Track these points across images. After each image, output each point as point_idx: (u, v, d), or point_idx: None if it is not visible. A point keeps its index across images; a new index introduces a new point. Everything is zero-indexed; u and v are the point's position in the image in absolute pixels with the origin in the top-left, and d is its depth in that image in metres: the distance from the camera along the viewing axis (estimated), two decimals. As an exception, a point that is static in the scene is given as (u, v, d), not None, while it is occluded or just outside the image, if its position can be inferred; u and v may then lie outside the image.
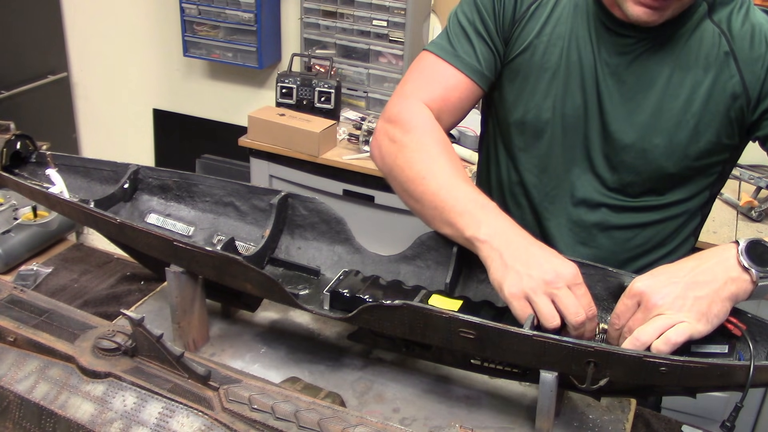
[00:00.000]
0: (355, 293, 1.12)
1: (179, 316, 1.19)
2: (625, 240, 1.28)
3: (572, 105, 1.24)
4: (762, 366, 0.91)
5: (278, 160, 2.80)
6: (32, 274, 1.53)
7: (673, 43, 1.17)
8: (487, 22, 1.26)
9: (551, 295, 0.98)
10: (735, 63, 1.16)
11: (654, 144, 1.20)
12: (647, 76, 1.19)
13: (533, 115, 1.26)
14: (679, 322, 0.94)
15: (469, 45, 1.26)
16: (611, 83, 1.21)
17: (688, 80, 1.17)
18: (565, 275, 0.99)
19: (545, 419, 1.04)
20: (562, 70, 1.23)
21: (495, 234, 1.05)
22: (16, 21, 3.44)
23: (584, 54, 1.22)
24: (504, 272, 1.01)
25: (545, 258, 1.01)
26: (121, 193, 1.32)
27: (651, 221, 1.27)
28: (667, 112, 1.18)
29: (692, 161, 1.21)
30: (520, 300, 0.99)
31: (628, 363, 0.93)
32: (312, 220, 1.27)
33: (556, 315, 0.98)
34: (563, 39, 1.23)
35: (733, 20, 1.17)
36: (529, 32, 1.25)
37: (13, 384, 0.95)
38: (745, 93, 1.16)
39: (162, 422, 0.87)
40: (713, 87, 1.17)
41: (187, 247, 1.11)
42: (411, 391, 1.17)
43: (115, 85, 3.79)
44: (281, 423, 0.83)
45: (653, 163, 1.21)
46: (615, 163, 1.23)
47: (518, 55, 1.26)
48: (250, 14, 3.11)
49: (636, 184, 1.24)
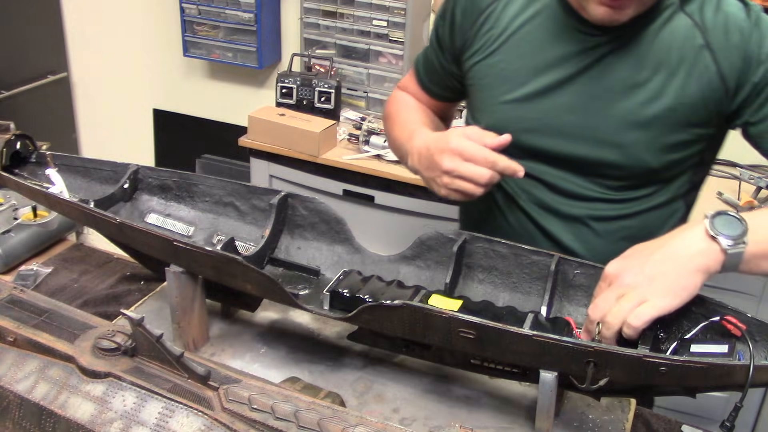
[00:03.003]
0: (355, 293, 1.12)
1: (179, 316, 1.19)
2: (611, 232, 1.28)
3: (545, 107, 1.24)
4: (762, 366, 0.91)
5: (278, 160, 2.80)
6: (32, 274, 1.53)
7: (644, 39, 1.17)
8: (443, 38, 1.35)
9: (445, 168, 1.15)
10: (710, 54, 1.15)
11: (632, 139, 1.19)
12: (621, 73, 1.19)
13: (500, 121, 1.26)
14: (642, 302, 0.96)
15: (427, 61, 1.43)
16: (585, 82, 1.21)
17: (662, 74, 1.17)
18: (447, 147, 1.15)
19: (545, 419, 1.04)
20: (531, 72, 1.24)
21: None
22: (16, 21, 3.44)
23: (553, 56, 1.22)
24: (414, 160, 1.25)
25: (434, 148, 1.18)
26: (121, 193, 1.32)
27: (635, 212, 1.27)
28: (643, 107, 1.18)
29: (672, 153, 1.21)
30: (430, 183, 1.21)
31: (628, 363, 0.93)
32: (312, 220, 1.27)
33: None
34: (529, 42, 1.24)
35: (705, 11, 1.17)
36: (491, 37, 1.27)
37: (13, 384, 0.95)
38: (723, 83, 1.15)
39: (162, 422, 0.87)
40: (688, 79, 1.16)
41: (187, 247, 1.11)
42: (411, 391, 1.17)
43: (115, 85, 3.79)
44: (281, 423, 0.83)
45: (634, 158, 1.21)
46: (595, 160, 1.23)
47: (481, 60, 1.29)
48: (250, 14, 3.11)
49: (618, 179, 1.24)
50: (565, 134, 1.23)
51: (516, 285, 1.17)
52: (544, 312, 1.10)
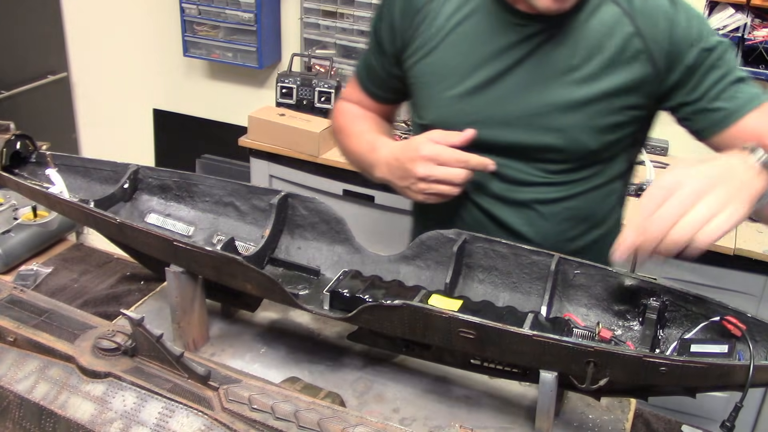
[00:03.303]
0: (355, 293, 1.12)
1: (179, 316, 1.19)
2: (556, 214, 1.31)
3: (487, 99, 1.27)
4: (762, 366, 0.91)
5: (278, 160, 2.80)
6: (32, 274, 1.53)
7: (576, 27, 1.21)
8: (383, 41, 1.37)
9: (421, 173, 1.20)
10: (640, 39, 1.19)
11: (571, 123, 1.23)
12: (557, 60, 1.23)
13: (444, 117, 1.30)
14: (714, 214, 0.93)
15: (368, 66, 1.44)
16: (523, 72, 1.24)
17: (595, 60, 1.21)
18: (419, 153, 1.19)
19: (545, 419, 1.04)
20: (471, 66, 1.27)
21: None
22: (16, 21, 3.45)
23: (491, 49, 1.25)
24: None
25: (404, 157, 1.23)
26: (121, 193, 1.32)
27: (578, 193, 1.30)
28: (579, 92, 1.22)
29: (609, 135, 1.25)
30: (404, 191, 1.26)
31: (627, 363, 0.93)
32: (312, 220, 1.27)
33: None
34: (467, 38, 1.27)
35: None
36: (430, 35, 1.29)
37: (13, 384, 0.95)
38: (654, 67, 1.20)
39: (162, 422, 0.87)
40: (621, 64, 1.20)
41: (187, 247, 1.11)
42: (411, 391, 1.17)
43: (115, 85, 3.79)
44: (281, 423, 0.83)
45: (574, 141, 1.24)
46: (537, 146, 1.26)
47: (421, 59, 1.31)
48: (250, 14, 3.11)
49: (560, 162, 1.28)
50: (508, 123, 1.26)
51: (516, 285, 1.17)
52: (544, 312, 1.10)
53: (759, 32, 2.33)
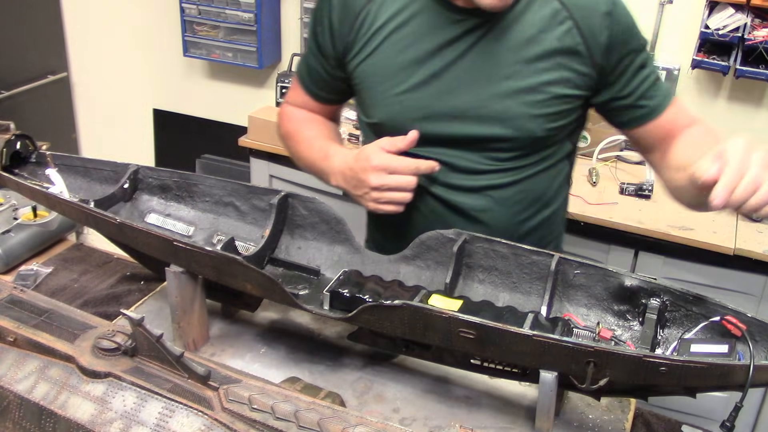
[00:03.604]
0: (355, 293, 1.12)
1: (179, 316, 1.19)
2: (508, 198, 1.36)
3: (432, 94, 1.29)
4: (762, 366, 0.91)
5: (278, 160, 2.80)
6: (32, 274, 1.53)
7: (515, 20, 1.25)
8: (323, 46, 1.38)
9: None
10: (578, 31, 1.24)
11: (516, 113, 1.27)
12: (499, 53, 1.26)
13: (391, 114, 1.33)
14: None
15: (310, 69, 1.45)
16: (466, 66, 1.27)
17: (534, 53, 1.25)
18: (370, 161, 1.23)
19: (545, 419, 1.04)
20: (415, 63, 1.29)
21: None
22: (16, 21, 3.44)
23: (433, 45, 1.28)
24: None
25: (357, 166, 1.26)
26: (121, 193, 1.32)
27: (527, 176, 1.35)
28: (523, 83, 1.26)
29: (553, 122, 1.29)
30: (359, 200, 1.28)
31: (628, 363, 0.93)
32: (312, 220, 1.27)
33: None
34: (409, 37, 1.29)
35: None
36: (371, 37, 1.32)
37: (13, 384, 0.95)
38: (591, 60, 1.25)
39: (162, 422, 0.87)
40: (560, 54, 1.25)
41: (187, 247, 1.11)
42: (411, 391, 1.17)
43: (115, 85, 3.79)
44: (281, 423, 0.83)
45: (520, 130, 1.28)
46: (485, 137, 1.30)
47: (364, 60, 1.33)
48: (250, 14, 3.11)
49: (509, 150, 1.32)
50: (455, 117, 1.29)
51: (516, 285, 1.17)
52: (544, 312, 1.10)
53: (759, 32, 2.33)
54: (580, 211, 2.24)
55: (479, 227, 1.33)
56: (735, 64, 2.37)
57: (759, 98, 2.53)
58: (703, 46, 2.44)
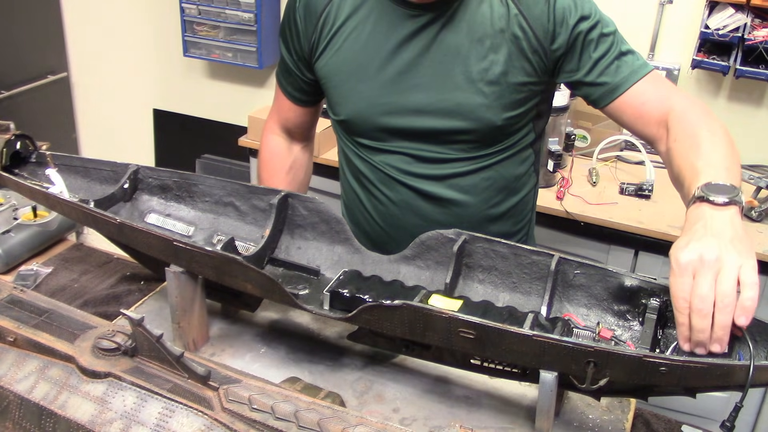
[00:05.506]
0: (355, 293, 1.12)
1: (179, 316, 1.19)
2: (476, 184, 1.41)
3: (395, 90, 1.34)
4: (762, 366, 0.91)
5: (278, 160, 2.80)
6: (32, 274, 1.53)
7: (466, 13, 1.30)
8: (293, 48, 1.45)
9: None
10: (526, 21, 1.29)
11: (475, 105, 1.32)
12: (454, 46, 1.31)
13: (358, 111, 1.39)
14: (742, 264, 0.94)
15: (287, 74, 1.52)
16: (426, 62, 1.32)
17: (487, 44, 1.30)
18: None
19: (545, 419, 1.04)
20: (377, 61, 1.34)
21: None
22: (16, 21, 3.44)
23: (393, 43, 1.32)
24: None
25: None
26: (121, 193, 1.32)
27: (492, 164, 1.41)
28: (479, 75, 1.31)
29: (511, 111, 1.34)
30: None
31: (627, 363, 0.93)
32: (312, 220, 1.27)
33: None
34: (369, 35, 1.34)
35: None
36: (333, 37, 1.37)
37: (13, 384, 0.95)
38: (540, 45, 1.30)
39: (162, 422, 0.87)
40: (512, 44, 1.29)
41: (187, 247, 1.11)
42: (411, 391, 1.17)
43: (115, 85, 3.79)
44: (281, 423, 0.83)
45: (479, 121, 1.34)
46: (447, 130, 1.35)
47: (329, 59, 1.39)
48: (250, 14, 3.11)
49: (471, 141, 1.37)
50: (419, 111, 1.35)
51: (516, 285, 1.17)
52: (544, 312, 1.10)
53: (759, 32, 2.33)
54: (580, 211, 2.24)
55: (449, 213, 1.40)
56: (735, 64, 2.37)
57: (759, 98, 2.53)
58: (703, 46, 2.44)
